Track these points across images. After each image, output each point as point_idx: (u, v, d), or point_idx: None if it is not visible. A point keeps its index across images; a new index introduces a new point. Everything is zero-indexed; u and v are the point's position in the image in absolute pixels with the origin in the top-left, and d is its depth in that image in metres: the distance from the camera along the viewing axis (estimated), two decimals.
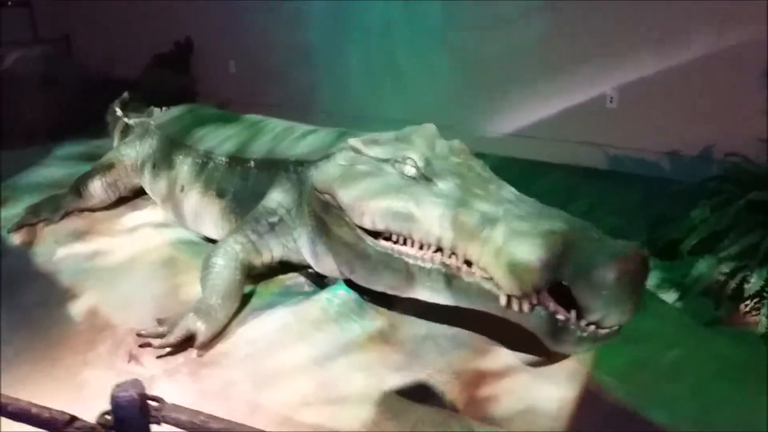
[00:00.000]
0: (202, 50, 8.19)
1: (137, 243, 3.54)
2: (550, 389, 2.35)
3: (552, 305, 2.11)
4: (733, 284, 2.70)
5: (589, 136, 5.20)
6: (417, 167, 2.44)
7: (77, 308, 2.96)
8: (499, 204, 2.24)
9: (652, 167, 4.94)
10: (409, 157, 2.46)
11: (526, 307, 2.11)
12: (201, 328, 2.58)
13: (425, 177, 2.42)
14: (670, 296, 2.88)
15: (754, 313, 2.68)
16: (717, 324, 2.69)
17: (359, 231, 2.52)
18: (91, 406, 2.31)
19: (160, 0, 8.31)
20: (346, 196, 2.54)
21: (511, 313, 2.21)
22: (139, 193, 4.16)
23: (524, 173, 5.00)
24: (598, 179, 4.91)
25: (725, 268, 2.71)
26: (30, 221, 3.85)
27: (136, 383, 1.45)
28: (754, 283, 2.63)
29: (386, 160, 2.56)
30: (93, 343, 2.70)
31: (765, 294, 2.61)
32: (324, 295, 2.89)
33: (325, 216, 2.67)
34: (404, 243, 2.43)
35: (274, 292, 3.05)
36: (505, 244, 2.08)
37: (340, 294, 2.88)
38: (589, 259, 1.93)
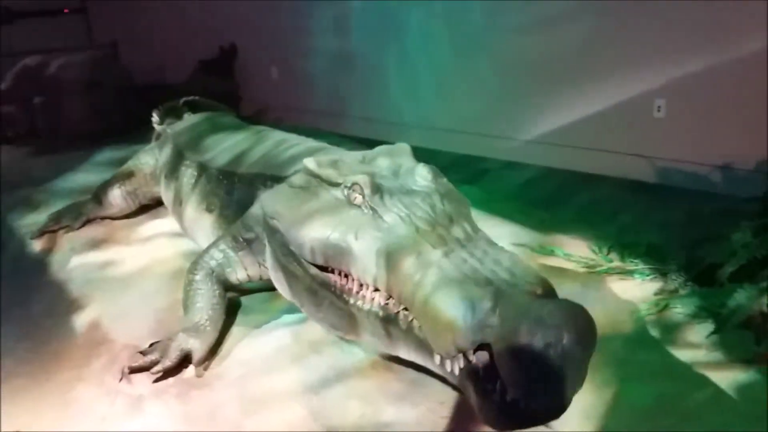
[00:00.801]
0: (245, 56, 8.26)
1: (150, 253, 3.51)
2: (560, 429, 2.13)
3: (481, 371, 1.73)
4: None
5: (636, 146, 4.89)
6: (363, 195, 2.20)
7: (80, 320, 2.94)
8: (442, 244, 1.96)
9: (702, 181, 4.59)
10: (356, 183, 2.22)
11: (454, 368, 1.79)
12: (195, 345, 2.51)
13: (371, 207, 2.18)
14: (706, 328, 2.61)
15: None
16: (756, 362, 2.41)
17: (305, 263, 2.32)
18: (77, 424, 2.30)
19: (206, 6, 8.41)
20: (288, 223, 2.37)
21: (447, 375, 1.88)
22: (161, 202, 4.14)
23: (566, 185, 4.77)
24: (644, 193, 4.60)
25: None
26: (51, 228, 3.88)
27: None
28: None
29: (337, 185, 2.32)
30: (89, 358, 2.65)
31: None
32: None
33: (274, 244, 2.50)
34: (345, 278, 2.21)
35: (280, 309, 2.93)
36: (433, 294, 1.79)
37: None
38: (512, 323, 1.58)
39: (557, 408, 1.67)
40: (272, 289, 2.97)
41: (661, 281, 2.98)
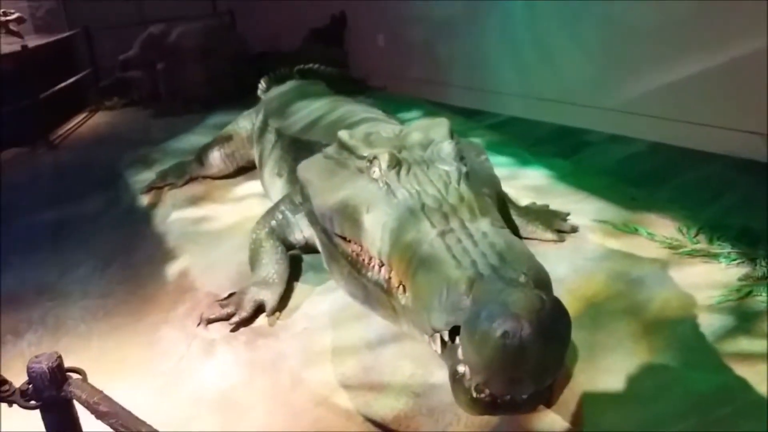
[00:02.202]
0: (354, 24, 8.37)
1: (241, 212, 3.75)
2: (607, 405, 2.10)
3: (459, 355, 1.70)
4: None
5: (751, 123, 4.50)
6: (380, 169, 2.25)
7: (173, 269, 3.22)
8: (442, 223, 1.97)
9: None
10: (376, 158, 2.28)
11: (436, 346, 1.82)
12: (267, 296, 2.71)
13: (386, 182, 2.23)
14: None
15: None
16: None
17: (329, 232, 2.42)
18: (159, 362, 2.56)
19: None
20: (315, 192, 2.49)
21: (435, 352, 1.88)
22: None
23: (670, 161, 4.51)
24: (756, 173, 4.24)
25: None
26: (158, 185, 4.23)
27: (51, 356, 1.53)
28: None
29: (363, 158, 2.39)
30: (175, 303, 2.91)
31: None
32: None
33: (306, 212, 2.64)
34: (360, 249, 2.27)
35: None
36: (417, 272, 1.84)
37: None
38: (478, 307, 1.55)
39: (526, 401, 1.65)
40: None
41: (748, 266, 2.78)
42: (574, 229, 3.21)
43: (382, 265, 2.15)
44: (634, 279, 2.80)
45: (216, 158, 4.24)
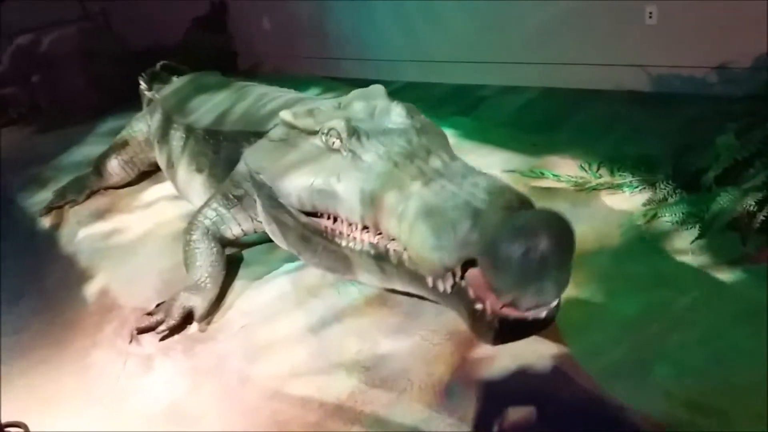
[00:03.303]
0: (237, 9, 8.13)
1: (152, 218, 3.61)
2: (546, 346, 2.21)
3: (472, 292, 1.85)
4: (761, 217, 2.41)
5: (630, 57, 4.76)
6: (340, 138, 2.26)
7: (91, 289, 3.07)
8: (421, 175, 2.02)
9: (700, 85, 4.48)
10: (332, 128, 2.28)
11: (446, 286, 1.89)
12: (197, 302, 2.63)
13: (349, 149, 2.24)
14: (693, 234, 2.62)
15: None
16: (743, 262, 2.43)
17: (295, 212, 2.40)
18: (96, 387, 2.45)
19: None
20: (272, 176, 2.43)
21: (441, 299, 2.01)
22: (159, 167, 4.20)
23: (562, 104, 4.71)
24: (641, 103, 4.51)
25: (752, 200, 2.42)
26: (58, 204, 3.99)
27: None
28: None
29: (315, 132, 2.38)
30: (101, 324, 2.79)
31: None
32: None
33: (263, 198, 2.57)
34: (335, 221, 2.29)
35: (279, 258, 3.02)
36: (416, 221, 1.88)
37: None
38: (494, 232, 1.67)
39: (543, 320, 1.80)
40: (270, 240, 3.08)
41: (650, 192, 2.98)
42: None
43: (364, 229, 2.16)
44: None
45: (114, 167, 4.03)
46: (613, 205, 2.96)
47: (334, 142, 2.27)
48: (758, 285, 2.30)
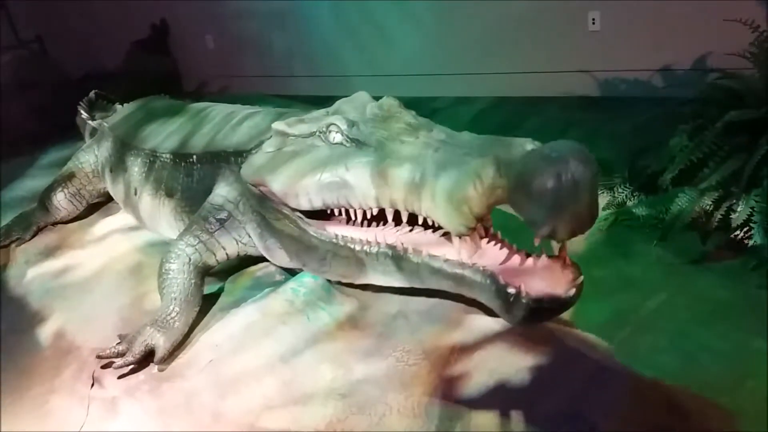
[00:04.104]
0: (178, 30, 7.99)
1: (106, 252, 3.45)
2: (524, 358, 2.20)
3: (502, 277, 1.92)
4: (718, 216, 2.48)
5: (577, 62, 4.89)
6: (341, 131, 2.27)
7: (45, 332, 2.90)
8: (428, 146, 2.04)
9: (645, 87, 4.63)
10: (333, 123, 2.30)
11: (478, 242, 1.95)
12: (159, 341, 2.51)
13: (351, 140, 2.26)
14: (654, 235, 2.67)
15: (744, 243, 2.47)
16: (705, 261, 2.49)
17: (300, 222, 2.38)
18: None
19: None
20: (277, 182, 2.39)
21: (467, 288, 2.05)
22: (110, 198, 4.05)
23: (515, 112, 4.79)
24: (592, 108, 4.63)
25: (708, 200, 2.49)
26: (3, 243, 3.79)
27: None
28: (741, 212, 2.42)
29: (312, 134, 2.40)
30: (58, 368, 2.64)
31: (753, 222, 2.39)
32: (290, 285, 2.74)
33: (264, 211, 2.53)
34: (347, 221, 2.29)
35: (245, 286, 2.93)
36: (438, 182, 1.90)
37: (306, 282, 2.73)
38: (522, 168, 1.68)
39: (571, 297, 1.84)
40: (236, 271, 2.99)
41: (609, 195, 3.03)
42: None
43: (379, 222, 2.18)
44: (512, 229, 2.94)
45: (61, 201, 3.85)
46: None
47: (335, 137, 2.28)
48: (721, 283, 2.37)
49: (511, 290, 1.88)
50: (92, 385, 2.47)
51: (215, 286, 2.97)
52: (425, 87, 5.72)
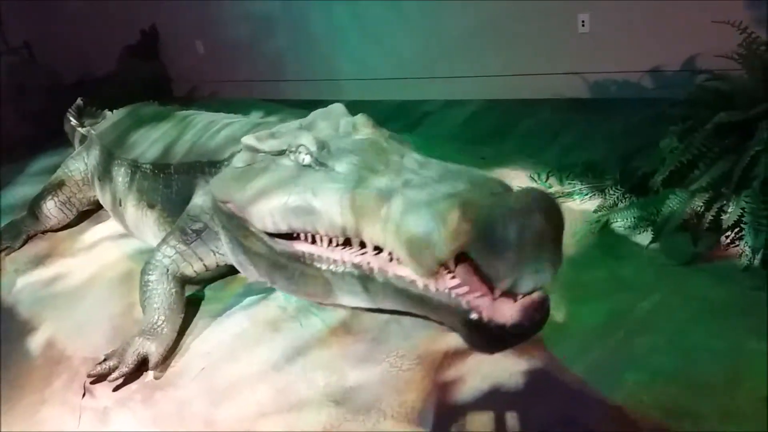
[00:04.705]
0: (168, 35, 7.96)
1: (96, 260, 3.43)
2: (517, 363, 2.20)
3: (465, 302, 1.79)
4: (709, 217, 2.48)
5: (567, 65, 4.89)
6: (310, 153, 2.20)
7: (35, 341, 2.88)
8: (398, 176, 1.98)
9: (635, 89, 4.63)
10: (301, 144, 2.22)
11: (441, 286, 1.84)
12: (151, 349, 2.50)
13: (320, 163, 2.18)
14: (646, 237, 2.68)
15: (734, 244, 2.48)
16: (697, 262, 2.49)
17: (268, 239, 2.31)
18: None
19: None
20: (242, 203, 2.34)
21: (432, 312, 1.94)
22: (100, 205, 4.02)
23: (507, 115, 4.77)
24: (583, 110, 4.62)
25: (699, 201, 2.49)
26: None
27: None
28: (731, 213, 2.42)
29: (281, 152, 2.33)
30: (49, 378, 2.62)
31: (744, 223, 2.39)
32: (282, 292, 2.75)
33: (232, 228, 2.47)
34: (313, 242, 2.20)
35: (236, 293, 2.92)
36: (402, 220, 1.82)
37: None
38: (485, 218, 1.63)
39: (537, 322, 1.75)
40: (225, 275, 2.98)
41: (600, 198, 3.03)
42: None
43: (345, 245, 2.09)
44: None
45: (51, 209, 3.82)
46: (566, 213, 2.97)
47: (304, 159, 2.20)
48: (714, 283, 2.37)
49: (474, 316, 1.77)
50: (83, 395, 2.46)
51: (205, 292, 2.96)
52: (416, 90, 5.72)
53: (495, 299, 1.74)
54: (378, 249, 1.99)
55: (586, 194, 3.09)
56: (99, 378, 2.46)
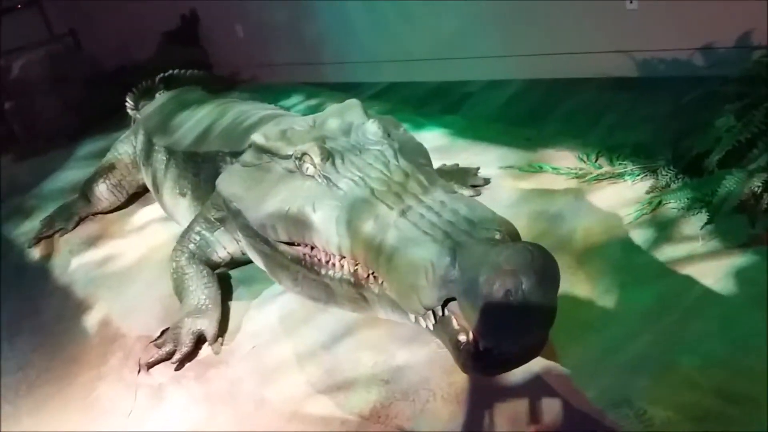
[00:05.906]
0: (208, 20, 8.03)
1: (146, 242, 3.52)
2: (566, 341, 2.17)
3: (455, 322, 1.75)
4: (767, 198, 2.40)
5: (614, 43, 4.76)
6: (314, 164, 2.17)
7: (91, 320, 2.98)
8: (398, 203, 1.94)
9: (685, 67, 4.48)
10: (305, 153, 2.19)
11: (428, 323, 1.82)
12: (205, 324, 2.58)
13: (323, 176, 2.15)
14: (701, 219, 2.60)
15: None
16: (754, 244, 2.41)
17: (272, 241, 2.32)
18: (106, 422, 2.38)
19: None
20: (246, 204, 2.36)
21: (425, 329, 1.91)
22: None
23: (550, 94, 4.69)
24: (629, 89, 4.49)
25: (758, 181, 2.41)
26: (47, 233, 3.88)
27: None
28: None
29: (287, 157, 2.30)
30: (105, 355, 2.71)
31: None
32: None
33: (239, 227, 2.50)
34: (312, 249, 2.20)
35: None
36: (394, 255, 1.80)
37: None
38: (471, 274, 1.56)
39: (530, 350, 1.71)
40: None
41: (652, 179, 2.96)
42: (486, 181, 3.29)
43: (342, 258, 2.07)
44: (554, 215, 2.91)
45: (103, 191, 3.93)
46: (617, 194, 2.93)
47: (307, 168, 2.19)
48: None
49: (462, 338, 1.73)
50: (138, 371, 2.52)
51: (247, 274, 2.99)
52: (456, 71, 5.64)
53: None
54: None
55: (638, 175, 3.01)
56: (158, 363, 2.53)
